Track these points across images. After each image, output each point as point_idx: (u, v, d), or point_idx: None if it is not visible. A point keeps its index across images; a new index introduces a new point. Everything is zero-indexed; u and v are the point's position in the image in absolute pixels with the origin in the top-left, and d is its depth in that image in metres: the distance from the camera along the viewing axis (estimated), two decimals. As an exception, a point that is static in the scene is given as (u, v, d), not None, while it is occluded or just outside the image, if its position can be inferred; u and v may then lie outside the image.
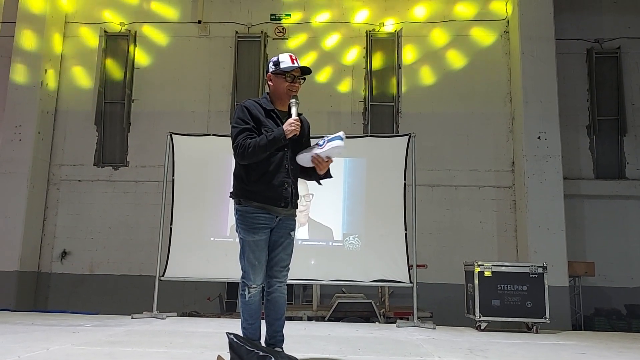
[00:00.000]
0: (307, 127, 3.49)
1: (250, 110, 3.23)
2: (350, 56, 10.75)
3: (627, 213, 10.05)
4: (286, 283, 3.29)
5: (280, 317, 3.25)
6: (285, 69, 3.23)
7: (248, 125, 3.17)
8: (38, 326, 5.32)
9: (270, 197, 3.18)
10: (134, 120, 10.81)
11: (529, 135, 9.54)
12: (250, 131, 3.16)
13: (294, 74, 3.24)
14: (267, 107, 3.27)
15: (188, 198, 7.31)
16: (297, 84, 3.27)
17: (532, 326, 6.32)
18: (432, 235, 9.78)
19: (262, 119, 3.22)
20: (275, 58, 3.33)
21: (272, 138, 3.09)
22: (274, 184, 3.18)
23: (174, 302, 8.35)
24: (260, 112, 3.24)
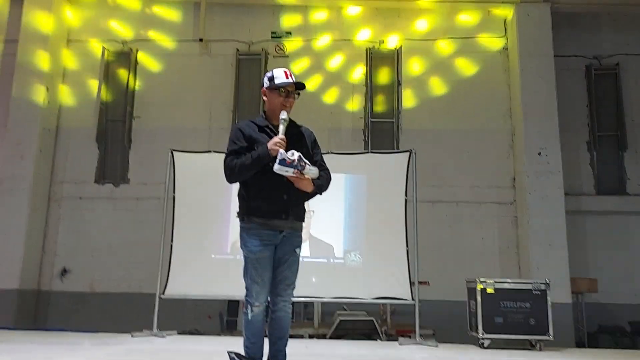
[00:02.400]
0: (310, 138, 3.43)
1: (243, 130, 3.25)
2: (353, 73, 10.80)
3: (629, 229, 10.02)
4: (291, 302, 3.25)
5: (283, 337, 3.22)
6: (279, 85, 3.24)
7: (236, 147, 3.19)
8: (37, 345, 5.28)
9: (269, 210, 3.17)
10: (135, 137, 10.84)
11: (530, 152, 9.55)
12: (237, 152, 3.17)
13: (288, 89, 3.25)
14: (261, 124, 3.28)
15: (189, 215, 7.30)
16: (291, 99, 3.27)
17: (536, 343, 6.26)
18: (434, 251, 9.71)
19: (256, 136, 3.21)
20: (269, 73, 3.34)
21: (256, 156, 3.10)
22: (272, 197, 3.17)
23: (174, 319, 8.27)
24: (254, 129, 3.25)
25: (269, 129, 3.25)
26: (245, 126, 3.28)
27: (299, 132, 3.36)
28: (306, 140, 3.36)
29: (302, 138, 3.33)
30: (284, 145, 3.06)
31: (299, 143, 3.25)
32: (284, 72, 3.28)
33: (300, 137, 3.33)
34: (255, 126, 3.27)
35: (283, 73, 3.27)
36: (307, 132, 3.44)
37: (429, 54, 10.74)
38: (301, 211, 3.32)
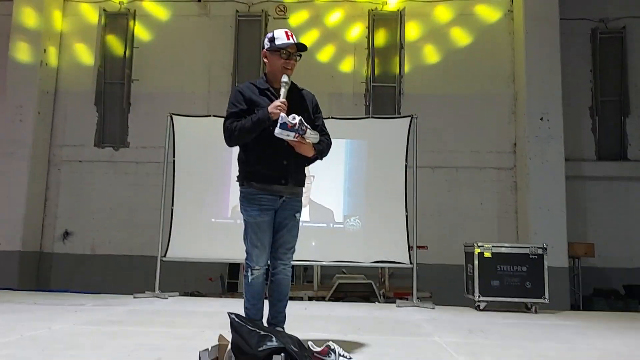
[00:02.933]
0: (311, 102, 3.35)
1: (243, 93, 3.18)
2: (353, 33, 10.61)
3: (628, 194, 10.05)
4: (290, 265, 3.28)
5: (283, 299, 3.26)
6: (280, 46, 3.13)
7: (236, 109, 3.14)
8: (40, 305, 5.36)
9: (269, 176, 3.15)
10: (134, 100, 10.75)
11: (532, 117, 9.49)
12: (237, 115, 3.12)
13: (290, 50, 3.15)
14: (262, 87, 3.20)
15: (189, 179, 7.30)
16: (292, 61, 3.16)
17: (531, 306, 6.36)
18: (433, 216, 9.79)
19: (256, 98, 3.15)
20: (270, 34, 3.22)
21: (256, 120, 3.04)
22: (272, 162, 3.14)
23: (176, 282, 8.39)
24: (255, 92, 3.18)
25: (269, 92, 3.17)
26: (246, 88, 3.20)
27: (300, 95, 3.29)
28: (307, 104, 3.29)
29: (303, 102, 3.26)
30: (285, 109, 3.00)
31: (300, 107, 3.18)
32: (285, 33, 3.17)
33: (302, 100, 3.26)
34: (256, 89, 3.20)
35: (284, 34, 3.16)
36: (309, 95, 3.36)
37: (432, 17, 10.54)
38: (301, 176, 3.29)
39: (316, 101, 3.39)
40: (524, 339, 4.06)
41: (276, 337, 2.41)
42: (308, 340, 2.75)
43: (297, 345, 2.45)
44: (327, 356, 2.59)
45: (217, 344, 2.58)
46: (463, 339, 4.00)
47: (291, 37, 3.15)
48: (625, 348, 3.76)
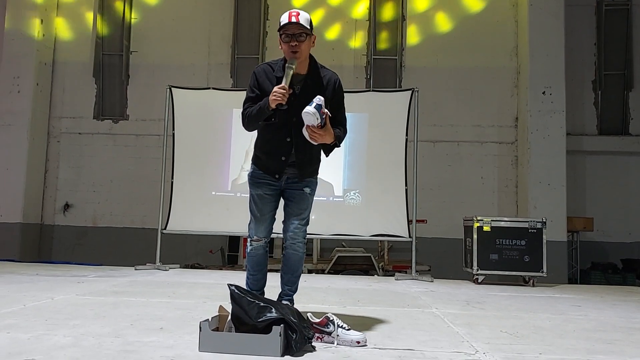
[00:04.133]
0: (331, 86, 3.12)
1: (258, 77, 3.07)
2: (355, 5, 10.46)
3: (628, 169, 10.05)
4: (301, 241, 3.16)
5: (290, 273, 3.21)
6: (280, 29, 2.96)
7: (252, 94, 3.06)
8: (42, 276, 5.42)
9: (267, 166, 3.13)
10: (133, 72, 10.66)
11: (534, 90, 9.43)
12: (252, 100, 3.04)
13: (290, 31, 2.94)
14: (278, 75, 3.02)
15: (189, 152, 7.28)
16: (295, 42, 2.93)
17: (529, 280, 6.42)
18: (433, 190, 9.81)
19: (267, 84, 3.01)
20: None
21: (258, 108, 2.96)
22: (272, 154, 3.10)
23: (177, 254, 8.47)
24: (269, 76, 3.05)
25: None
26: (261, 72, 3.08)
27: (317, 79, 3.08)
28: (326, 91, 3.07)
29: (320, 88, 3.04)
30: (284, 98, 2.86)
31: (314, 92, 2.97)
32: (289, 14, 2.96)
33: (319, 87, 3.05)
34: (272, 70, 3.06)
35: (287, 15, 2.96)
36: (332, 81, 3.13)
37: (434, -13, 10.37)
38: (308, 169, 3.18)
39: (339, 86, 3.18)
40: (520, 311, 4.11)
41: (275, 309, 2.44)
42: (307, 312, 2.79)
43: (297, 316, 2.48)
44: (326, 327, 2.63)
45: (218, 315, 2.62)
46: (460, 310, 4.05)
47: (293, 17, 2.93)
48: (619, 319, 3.81)
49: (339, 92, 3.18)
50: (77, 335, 2.63)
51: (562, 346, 2.79)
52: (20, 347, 2.35)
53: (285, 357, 2.32)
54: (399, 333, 2.99)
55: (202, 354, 2.32)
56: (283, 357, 2.32)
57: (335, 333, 2.60)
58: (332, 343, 2.59)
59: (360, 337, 2.61)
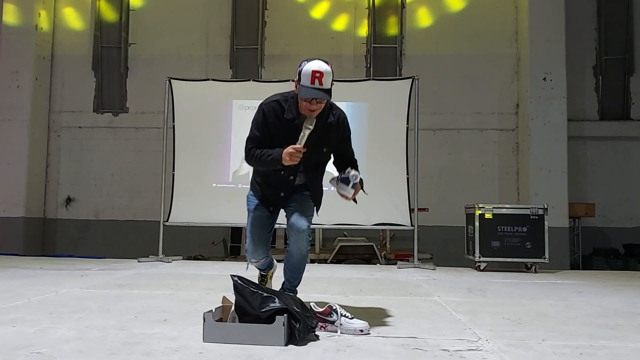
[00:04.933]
0: (341, 128, 3.02)
1: (267, 117, 2.91)
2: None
3: (630, 154, 10.03)
4: (304, 239, 2.97)
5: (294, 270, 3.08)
6: (300, 93, 2.79)
7: (257, 134, 2.93)
8: (46, 270, 5.44)
9: (265, 197, 3.08)
10: (132, 65, 10.63)
11: (534, 76, 9.39)
12: (257, 140, 2.93)
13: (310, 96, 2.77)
14: (289, 116, 2.88)
15: (189, 144, 7.28)
16: (315, 107, 2.80)
17: (531, 266, 6.43)
18: (434, 179, 9.81)
19: (277, 128, 2.89)
20: (301, 65, 2.82)
21: (270, 159, 2.86)
22: (272, 187, 3.05)
23: (179, 246, 8.49)
24: (280, 118, 2.89)
25: (295, 125, 2.87)
26: (271, 112, 2.91)
27: (327, 124, 2.94)
28: (334, 134, 2.99)
29: (329, 132, 2.95)
30: (299, 158, 2.77)
31: (324, 139, 2.92)
32: (312, 74, 2.74)
33: (328, 131, 2.94)
34: (281, 110, 2.89)
35: (310, 75, 2.74)
36: (340, 122, 3.01)
37: (433, -26, 10.29)
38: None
39: (345, 123, 3.07)
40: (522, 297, 4.12)
41: (279, 299, 2.45)
42: (310, 302, 2.80)
43: (300, 306, 2.49)
44: (329, 316, 2.64)
45: (221, 306, 2.63)
46: (462, 297, 4.06)
47: (316, 81, 2.73)
48: (621, 304, 3.82)
49: (345, 130, 3.09)
50: (81, 328, 2.65)
51: (564, 332, 2.81)
52: (26, 340, 2.37)
53: (289, 346, 2.33)
54: (402, 321, 3.01)
55: (206, 344, 2.34)
56: (287, 346, 2.33)
57: (339, 322, 2.61)
58: (335, 332, 2.60)
59: (363, 326, 2.63)
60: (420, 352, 2.30)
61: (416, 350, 2.33)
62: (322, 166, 3.14)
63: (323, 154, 3.04)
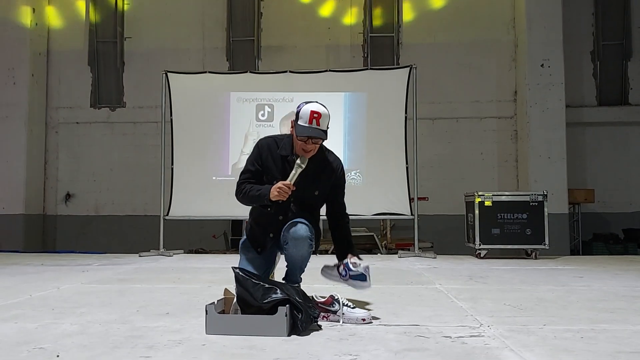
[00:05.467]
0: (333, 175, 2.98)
1: (261, 152, 2.94)
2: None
3: (628, 139, 10.03)
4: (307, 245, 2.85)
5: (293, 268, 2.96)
6: (296, 131, 2.80)
7: (252, 168, 2.94)
8: (48, 267, 5.45)
9: (255, 238, 3.01)
10: (128, 59, 10.59)
11: (532, 63, 9.37)
12: (250, 173, 2.93)
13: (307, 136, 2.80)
14: (283, 153, 2.91)
15: (188, 138, 7.27)
16: (310, 148, 2.82)
17: (531, 253, 6.45)
18: (433, 168, 9.80)
19: (270, 164, 2.91)
20: (300, 107, 2.86)
21: (257, 194, 2.84)
22: (262, 227, 2.99)
23: (180, 240, 8.50)
24: (274, 154, 2.92)
25: (288, 162, 2.88)
26: (265, 147, 2.95)
27: (322, 166, 2.94)
28: (326, 177, 2.97)
29: (322, 174, 2.94)
30: (287, 194, 2.75)
31: (316, 180, 2.91)
32: (310, 114, 2.79)
33: (321, 173, 2.94)
34: (276, 147, 2.93)
35: (308, 115, 2.79)
36: (335, 168, 2.99)
37: (429, -38, 10.22)
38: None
39: (342, 173, 3.06)
40: (523, 283, 4.14)
41: (280, 290, 2.46)
42: (312, 292, 2.80)
43: (301, 296, 2.50)
44: (331, 306, 2.65)
45: (223, 298, 2.63)
46: (463, 285, 4.08)
47: (314, 121, 2.78)
48: (622, 289, 3.84)
49: (340, 178, 3.07)
50: (84, 323, 2.66)
51: (565, 317, 2.82)
52: (28, 336, 2.37)
53: (292, 337, 2.34)
54: (404, 309, 3.02)
55: (209, 336, 2.35)
56: (289, 336, 2.34)
57: (341, 311, 2.62)
58: (337, 321, 2.61)
59: (365, 315, 2.63)
60: (422, 340, 2.31)
61: (418, 338, 2.34)
62: (314, 209, 3.06)
63: (314, 197, 2.98)
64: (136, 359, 1.99)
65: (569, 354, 2.07)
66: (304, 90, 7.33)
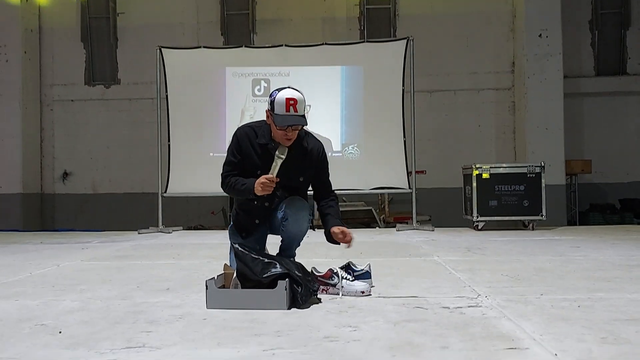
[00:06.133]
0: (316, 159, 2.96)
1: (240, 143, 2.92)
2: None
3: (626, 109, 10.00)
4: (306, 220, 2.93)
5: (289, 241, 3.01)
6: (276, 122, 2.76)
7: (234, 159, 2.94)
8: (47, 245, 5.47)
9: (239, 222, 3.05)
10: (121, 35, 10.44)
11: (530, 33, 9.27)
12: (232, 165, 2.94)
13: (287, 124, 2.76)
14: (262, 142, 2.88)
15: (184, 114, 7.22)
16: (291, 134, 2.79)
17: (528, 224, 6.49)
18: (431, 141, 9.78)
19: (250, 152, 2.90)
20: (273, 95, 2.80)
21: (243, 189, 2.85)
22: (247, 213, 3.01)
23: (179, 217, 8.52)
24: (253, 143, 2.90)
25: (267, 150, 2.87)
26: (244, 137, 2.93)
27: (303, 153, 2.91)
28: (308, 164, 2.95)
29: (304, 161, 2.92)
30: (271, 189, 2.76)
31: (300, 167, 2.90)
32: (286, 102, 2.73)
33: (303, 159, 2.92)
34: (255, 136, 2.90)
35: (284, 103, 2.74)
36: (316, 152, 2.97)
37: None
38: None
39: (323, 156, 3.03)
40: (521, 254, 4.17)
41: (280, 264, 2.47)
42: (311, 266, 2.82)
43: (301, 270, 2.51)
44: (330, 279, 2.67)
45: (223, 273, 2.65)
46: (461, 257, 4.11)
47: (291, 108, 2.73)
48: (618, 258, 3.87)
49: (323, 161, 3.03)
50: (84, 299, 2.67)
51: (562, 286, 2.84)
52: (30, 313, 2.39)
53: (292, 310, 2.36)
54: (402, 281, 3.04)
55: (210, 310, 2.37)
56: (290, 309, 2.36)
57: (340, 284, 2.64)
58: (337, 294, 2.63)
59: (364, 287, 2.66)
60: (421, 311, 2.33)
61: (417, 309, 2.36)
62: (301, 193, 3.02)
63: (299, 182, 2.97)
64: (138, 334, 2.01)
65: (565, 322, 2.09)
66: (300, 64, 7.27)
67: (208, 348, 1.83)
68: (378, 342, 1.87)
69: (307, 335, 1.97)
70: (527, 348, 1.78)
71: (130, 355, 1.76)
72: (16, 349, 1.85)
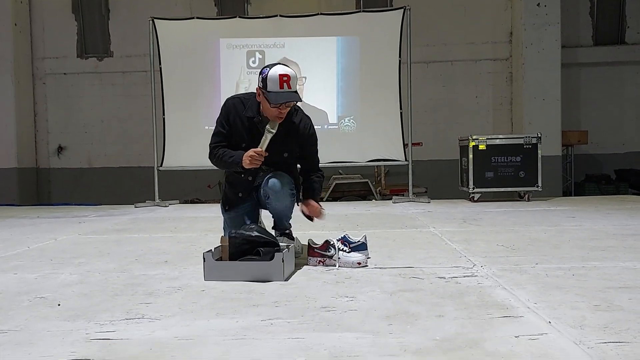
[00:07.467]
0: (304, 134, 2.94)
1: (229, 114, 2.91)
2: None
3: (623, 79, 9.95)
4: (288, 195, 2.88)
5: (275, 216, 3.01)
6: (270, 99, 2.71)
7: (223, 130, 2.93)
8: (44, 219, 5.47)
9: (225, 194, 3.11)
10: (113, 6, 10.25)
11: (529, 2, 9.16)
12: (221, 136, 2.93)
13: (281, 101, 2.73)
14: (250, 114, 2.86)
15: (178, 87, 7.15)
16: (284, 110, 2.77)
17: (524, 195, 6.52)
18: (427, 112, 9.74)
19: (239, 125, 2.89)
20: (264, 72, 2.74)
21: (230, 161, 2.84)
22: (233, 186, 3.06)
23: (175, 190, 8.52)
24: (241, 115, 2.88)
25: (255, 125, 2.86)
26: (232, 108, 2.92)
27: (292, 127, 2.90)
28: (296, 138, 2.93)
29: (289, 135, 2.89)
30: (259, 163, 2.76)
31: (287, 141, 2.89)
32: (280, 78, 2.70)
33: (289, 134, 2.89)
34: (243, 108, 2.89)
35: (277, 80, 2.70)
36: (302, 127, 2.94)
37: None
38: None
39: (311, 131, 3.00)
40: (516, 225, 4.20)
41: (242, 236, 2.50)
42: (307, 238, 2.83)
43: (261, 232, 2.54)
44: (326, 251, 2.69)
45: (220, 245, 2.66)
46: (457, 228, 4.13)
47: (285, 84, 2.70)
48: (612, 227, 3.91)
49: (310, 137, 3.00)
50: (83, 272, 2.69)
51: (557, 255, 2.87)
52: (29, 286, 2.40)
53: (290, 281, 2.38)
54: (399, 252, 3.06)
55: (208, 282, 2.38)
56: (287, 280, 2.38)
57: (337, 256, 2.66)
58: (334, 266, 2.65)
59: (360, 258, 2.68)
60: (417, 281, 2.35)
61: (413, 279, 2.38)
62: (287, 168, 2.99)
63: (284, 159, 2.95)
64: (137, 305, 2.03)
65: (559, 290, 2.12)
66: (295, 35, 7.17)
67: (207, 318, 1.85)
68: (374, 311, 1.89)
69: (305, 305, 1.99)
70: (522, 316, 1.80)
71: (130, 326, 1.78)
72: (15, 321, 1.87)
